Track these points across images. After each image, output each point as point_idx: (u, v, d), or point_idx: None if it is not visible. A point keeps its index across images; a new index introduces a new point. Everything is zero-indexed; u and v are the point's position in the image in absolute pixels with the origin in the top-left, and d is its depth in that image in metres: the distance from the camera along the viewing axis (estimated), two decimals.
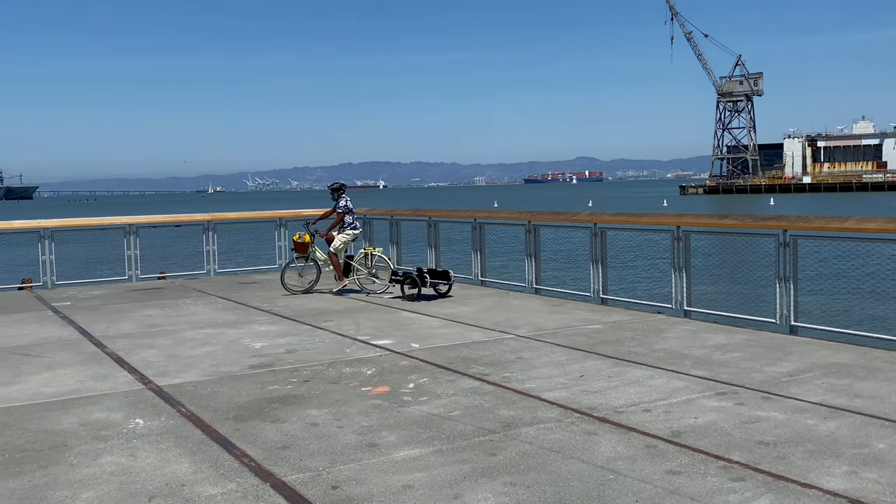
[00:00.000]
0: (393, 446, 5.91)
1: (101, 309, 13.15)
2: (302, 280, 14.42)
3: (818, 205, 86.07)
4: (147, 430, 6.47)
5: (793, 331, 9.88)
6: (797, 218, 10.28)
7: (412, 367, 8.44)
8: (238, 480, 5.32)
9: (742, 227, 11.13)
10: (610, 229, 12.82)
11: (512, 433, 6.14)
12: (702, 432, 6.05)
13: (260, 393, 7.54)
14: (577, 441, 5.93)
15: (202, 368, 8.63)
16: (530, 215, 14.38)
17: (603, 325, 10.55)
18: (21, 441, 6.28)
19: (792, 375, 7.67)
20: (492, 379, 7.82)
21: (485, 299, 13.22)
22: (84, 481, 5.37)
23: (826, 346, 8.95)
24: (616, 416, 6.50)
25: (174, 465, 5.63)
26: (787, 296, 9.95)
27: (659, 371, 7.98)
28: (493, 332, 10.21)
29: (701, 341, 9.36)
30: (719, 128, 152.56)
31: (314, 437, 6.16)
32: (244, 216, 20.89)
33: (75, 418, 6.86)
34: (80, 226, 18.40)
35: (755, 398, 6.93)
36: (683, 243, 11.32)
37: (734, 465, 5.37)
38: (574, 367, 8.21)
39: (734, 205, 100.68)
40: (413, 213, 18.46)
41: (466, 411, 6.74)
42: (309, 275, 14.45)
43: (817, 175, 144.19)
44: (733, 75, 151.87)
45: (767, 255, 10.66)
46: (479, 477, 5.26)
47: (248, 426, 6.50)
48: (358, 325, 10.95)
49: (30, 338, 10.64)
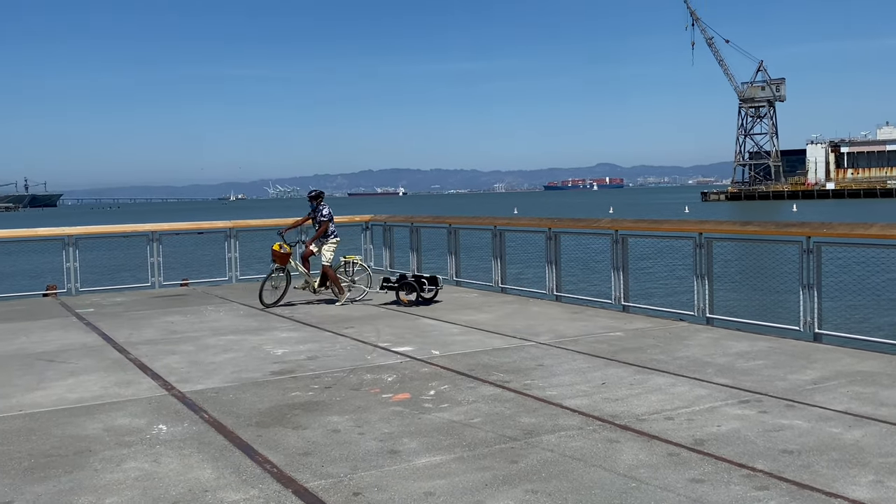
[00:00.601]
0: (414, 453, 5.91)
1: (125, 315, 13.27)
2: (275, 292, 13.76)
3: (842, 211, 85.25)
4: (170, 436, 6.52)
5: (817, 338, 9.78)
6: (821, 224, 10.19)
7: (433, 373, 8.44)
8: (260, 486, 5.34)
9: (765, 233, 11.04)
10: (631, 236, 12.78)
11: (533, 440, 6.12)
12: (725, 440, 6.00)
13: (282, 399, 7.57)
14: (599, 449, 5.90)
15: (224, 375, 8.68)
16: (550, 222, 14.36)
17: (624, 333, 10.50)
18: (46, 446, 6.34)
19: (816, 383, 7.60)
20: (513, 386, 7.80)
21: (505, 306, 13.20)
22: (108, 486, 5.42)
23: (851, 354, 8.86)
24: (638, 424, 6.47)
25: (197, 471, 5.67)
26: (811, 303, 9.86)
27: (681, 379, 7.93)
28: (513, 339, 10.20)
29: (723, 349, 9.30)
30: (741, 133, 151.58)
31: (336, 444, 6.18)
32: (266, 223, 20.97)
33: (99, 424, 6.93)
34: (104, 233, 18.58)
35: (779, 406, 6.87)
36: (706, 250, 11.25)
37: (758, 473, 5.32)
38: (595, 375, 8.18)
39: (757, 211, 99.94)
40: (433, 219, 18.49)
41: (487, 418, 6.74)
42: (280, 285, 13.80)
43: (841, 181, 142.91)
44: (755, 81, 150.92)
45: (791, 261, 10.57)
46: (500, 484, 5.25)
47: (270, 432, 6.53)
48: (378, 332, 10.97)
49: (54, 344, 10.75)
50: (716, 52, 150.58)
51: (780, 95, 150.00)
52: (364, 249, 19.42)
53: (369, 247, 19.41)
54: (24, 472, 5.75)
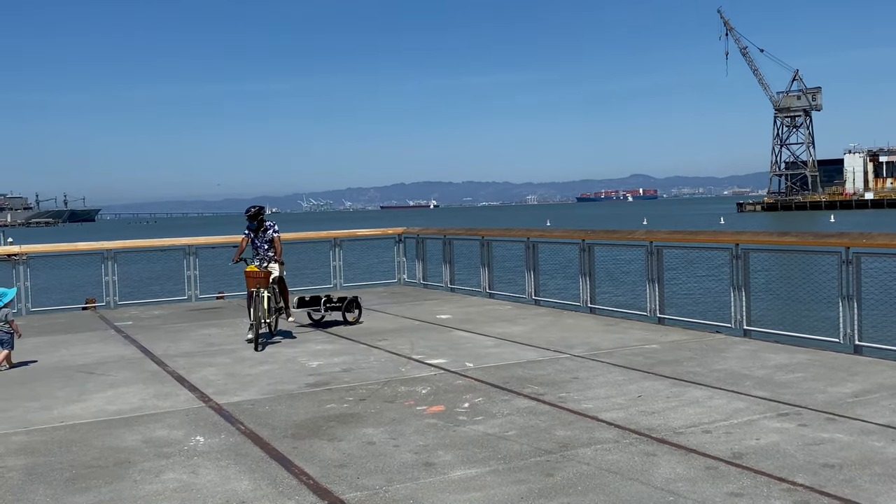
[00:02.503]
0: (449, 466, 5.91)
1: (162, 328, 13.44)
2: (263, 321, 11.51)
3: (881, 221, 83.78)
4: (207, 448, 6.58)
5: (857, 350, 9.62)
6: (860, 235, 10.03)
7: (467, 386, 8.44)
8: (297, 498, 5.37)
9: (803, 244, 10.89)
10: (666, 247, 12.68)
11: (569, 454, 6.09)
12: (764, 454, 5.92)
13: (317, 411, 7.61)
14: (636, 462, 5.85)
15: (260, 387, 8.75)
16: (584, 234, 14.29)
17: (660, 345, 10.41)
18: (87, 457, 6.44)
19: (857, 396, 7.47)
20: (547, 399, 7.77)
21: (538, 318, 13.15)
22: (147, 497, 5.48)
23: (893, 367, 8.70)
24: (675, 437, 6.40)
25: (234, 483, 5.71)
26: (851, 314, 9.70)
27: (719, 391, 7.84)
28: (547, 352, 10.15)
29: (762, 361, 9.17)
30: (777, 143, 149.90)
31: (371, 456, 6.19)
32: (299, 237, 21.15)
33: (138, 435, 7.02)
34: (142, 247, 18.85)
35: (819, 419, 6.76)
36: (742, 261, 11.13)
37: (798, 487, 5.24)
38: (631, 388, 8.12)
39: (793, 222, 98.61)
40: (466, 232, 18.51)
41: (522, 431, 6.71)
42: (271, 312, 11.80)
43: (880, 191, 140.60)
44: (790, 90, 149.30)
45: (829, 272, 10.41)
46: (536, 497, 5.22)
47: (306, 444, 6.57)
48: (412, 345, 10.99)
49: (94, 356, 10.92)
50: (750, 62, 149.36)
51: (817, 105, 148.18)
52: (397, 262, 19.49)
53: (402, 259, 19.47)
54: (66, 483, 5.84)
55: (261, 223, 11.99)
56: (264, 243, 12.02)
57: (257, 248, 12.01)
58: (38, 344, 12.08)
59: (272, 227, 12.05)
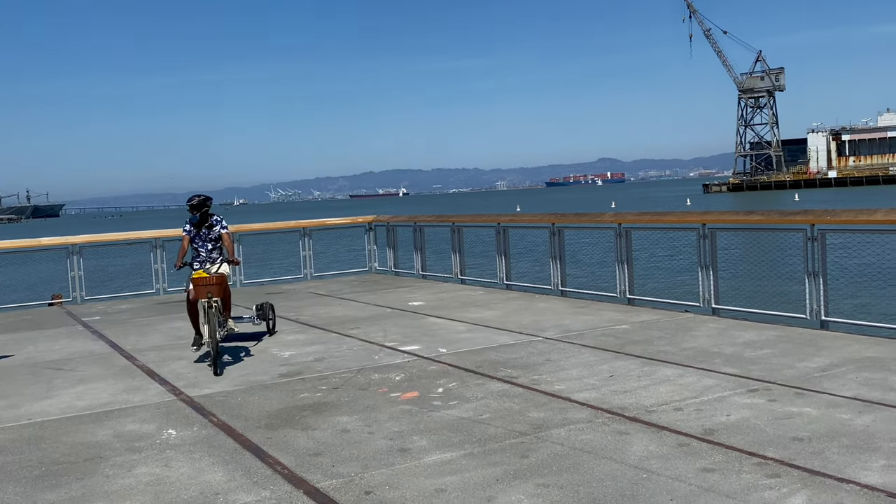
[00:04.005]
0: (424, 451, 5.91)
1: (131, 322, 13.28)
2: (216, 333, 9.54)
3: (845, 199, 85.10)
4: (180, 441, 6.53)
5: (824, 326, 9.77)
6: (824, 212, 10.17)
7: (441, 371, 8.44)
8: (272, 488, 5.35)
9: (768, 222, 11.02)
10: (634, 229, 12.76)
11: (543, 435, 6.12)
12: (735, 429, 5.99)
13: (290, 401, 7.58)
14: (609, 441, 5.90)
15: (232, 378, 8.69)
16: (554, 217, 14.35)
17: (631, 325, 10.49)
18: (57, 454, 6.35)
19: (825, 370, 7.59)
20: (521, 382, 7.80)
21: (510, 303, 13.19)
22: (120, 492, 5.43)
23: (859, 341, 8.85)
24: (647, 416, 6.46)
25: (208, 475, 5.67)
26: (817, 290, 9.84)
27: (689, 369, 7.92)
28: (520, 335, 10.19)
29: (731, 338, 9.28)
30: (741, 124, 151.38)
31: (345, 444, 6.18)
32: (267, 227, 21.02)
33: (109, 430, 6.94)
34: (108, 241, 18.63)
35: (788, 394, 6.86)
36: (709, 241, 11.23)
37: (769, 461, 5.32)
38: (603, 368, 8.18)
39: (759, 201, 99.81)
40: (437, 218, 18.50)
41: (496, 414, 6.73)
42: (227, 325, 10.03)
43: (843, 169, 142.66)
44: (754, 71, 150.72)
45: (795, 250, 10.55)
46: (511, 479, 5.25)
47: (280, 434, 6.54)
48: (385, 332, 10.98)
49: (62, 352, 10.77)
50: (714, 44, 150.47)
51: (780, 85, 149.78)
52: (368, 251, 19.44)
53: (373, 248, 19.42)
54: (35, 481, 5.76)
55: (205, 217, 10.08)
56: (208, 241, 10.08)
57: (198, 249, 10.05)
58: (4, 342, 11.89)
59: (219, 223, 10.16)
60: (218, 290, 9.62)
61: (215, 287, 9.60)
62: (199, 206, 10.04)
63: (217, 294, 9.57)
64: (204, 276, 9.60)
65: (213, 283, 9.61)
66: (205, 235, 10.10)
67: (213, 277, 9.63)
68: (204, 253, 10.04)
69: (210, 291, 9.53)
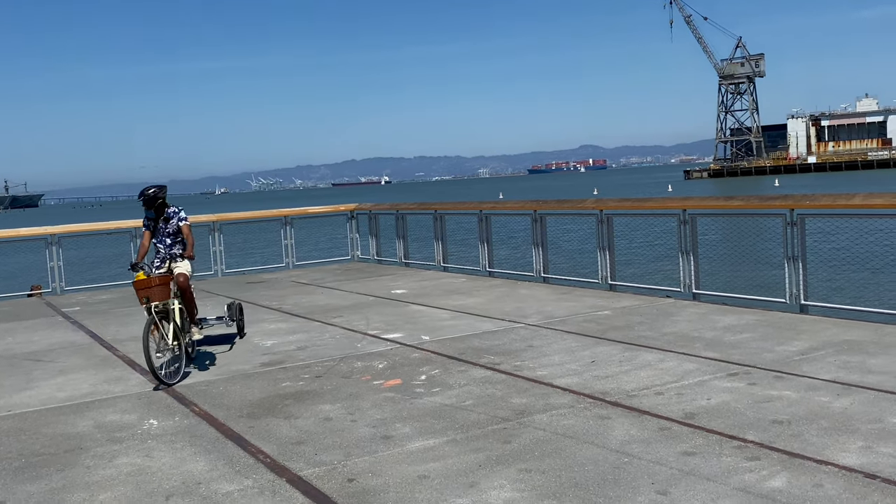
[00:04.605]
0: (407, 438, 5.92)
1: (111, 313, 13.19)
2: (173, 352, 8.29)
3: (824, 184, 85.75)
4: (161, 431, 6.50)
5: (803, 310, 9.85)
6: (803, 196, 10.24)
7: (423, 359, 8.45)
8: (254, 477, 5.34)
9: (749, 207, 11.09)
10: (616, 215, 12.80)
11: (525, 420, 6.14)
12: (715, 413, 6.04)
13: (272, 390, 7.56)
14: (591, 426, 5.93)
15: (214, 368, 8.65)
16: (536, 204, 14.37)
17: (612, 311, 10.54)
18: (37, 445, 6.31)
19: (804, 354, 7.66)
20: (503, 368, 7.82)
21: (493, 290, 13.21)
22: (101, 483, 5.40)
23: (837, 324, 8.93)
24: (628, 400, 6.50)
25: (190, 464, 5.65)
26: (797, 275, 9.92)
27: (670, 354, 7.97)
28: (502, 322, 10.21)
29: (711, 323, 9.34)
30: (722, 111, 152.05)
31: (328, 432, 6.17)
32: (249, 216, 20.91)
33: (90, 421, 6.89)
34: (87, 231, 18.46)
35: (767, 378, 6.92)
36: (690, 226, 11.29)
37: (749, 444, 5.36)
38: (585, 354, 8.21)
39: (739, 187, 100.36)
40: (419, 206, 18.47)
41: (479, 401, 6.75)
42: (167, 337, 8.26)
43: (822, 154, 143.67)
44: (734, 57, 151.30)
45: (775, 235, 10.63)
46: (494, 465, 5.27)
47: (262, 423, 6.52)
48: (368, 320, 10.96)
49: (41, 343, 10.68)
50: (694, 30, 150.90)
51: (760, 71, 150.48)
52: (350, 239, 19.39)
53: (355, 236, 19.37)
54: (16, 472, 5.72)
55: (161, 209, 8.93)
56: (166, 236, 8.99)
57: (157, 245, 9.06)
58: None
59: (177, 215, 8.99)
60: (161, 293, 8.23)
61: (157, 290, 8.20)
62: (152, 201, 8.83)
63: (159, 297, 8.18)
64: (142, 279, 8.22)
65: (152, 284, 8.20)
66: (162, 230, 9.01)
67: (155, 279, 8.26)
68: (163, 249, 8.97)
69: (149, 296, 8.14)
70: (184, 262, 8.87)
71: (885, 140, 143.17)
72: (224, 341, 10.07)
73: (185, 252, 8.90)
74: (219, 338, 10.22)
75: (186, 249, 8.92)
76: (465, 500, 4.72)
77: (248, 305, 12.99)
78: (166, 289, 8.32)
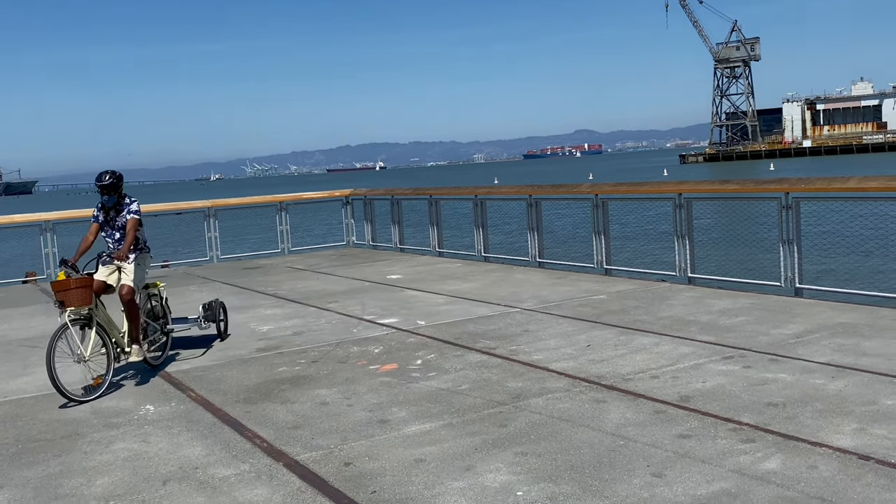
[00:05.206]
0: (403, 422, 5.93)
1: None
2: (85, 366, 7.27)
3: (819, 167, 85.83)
4: (158, 416, 6.51)
5: (798, 293, 9.88)
6: (798, 180, 10.25)
7: (419, 343, 8.46)
8: (251, 461, 5.35)
9: (744, 191, 11.10)
10: (611, 199, 12.80)
11: (521, 404, 6.16)
12: (710, 396, 6.06)
13: (269, 375, 7.57)
14: (587, 409, 5.95)
15: (210, 353, 8.66)
16: (531, 189, 14.35)
17: (607, 295, 10.56)
18: (34, 431, 6.32)
19: (799, 337, 7.68)
20: (499, 352, 7.84)
21: (489, 275, 13.22)
22: (98, 468, 5.41)
23: (832, 307, 8.96)
24: (624, 384, 6.52)
25: (187, 449, 5.66)
26: (792, 258, 9.94)
27: (665, 338, 7.99)
28: (498, 307, 10.22)
29: (706, 307, 9.37)
30: (717, 95, 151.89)
31: (325, 416, 6.19)
32: (244, 201, 20.85)
33: (86, 407, 6.90)
34: (82, 217, 18.36)
35: (762, 361, 6.94)
36: (685, 210, 11.29)
37: (744, 426, 5.39)
38: (580, 338, 8.23)
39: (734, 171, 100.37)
40: (414, 191, 18.44)
41: (475, 385, 6.77)
42: (88, 348, 7.29)
43: (817, 138, 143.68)
44: (729, 41, 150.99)
45: (770, 218, 10.64)
46: (490, 448, 5.28)
47: (259, 408, 6.53)
48: (363, 305, 10.97)
49: (37, 330, 10.66)
50: (690, 14, 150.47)
51: (755, 55, 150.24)
52: (346, 224, 19.37)
53: (350, 221, 19.35)
54: (12, 458, 5.72)
55: (120, 199, 7.98)
56: (116, 230, 7.99)
57: (106, 239, 8.09)
58: None
59: (128, 206, 7.96)
60: (79, 298, 7.09)
61: (75, 293, 7.07)
62: (112, 187, 7.85)
63: (77, 302, 7.09)
64: (61, 280, 7.14)
65: (71, 287, 7.06)
66: (112, 222, 8.02)
67: (73, 280, 7.11)
68: (112, 244, 8.03)
69: (64, 299, 7.08)
70: (131, 269, 7.80)
71: (879, 124, 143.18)
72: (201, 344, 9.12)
73: (121, 253, 7.71)
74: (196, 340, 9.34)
75: (123, 248, 7.76)
76: (461, 484, 4.74)
77: (244, 291, 13.00)
78: (86, 293, 7.15)
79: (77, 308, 7.14)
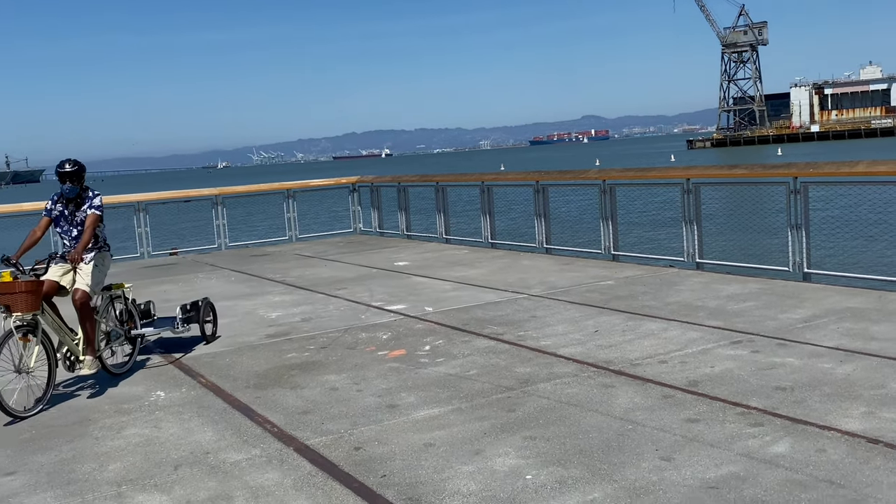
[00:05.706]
0: (412, 407, 5.96)
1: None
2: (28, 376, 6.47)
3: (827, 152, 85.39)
4: (169, 402, 6.55)
5: (806, 278, 9.86)
6: (807, 165, 10.21)
7: (427, 329, 8.49)
8: (262, 446, 5.39)
9: (752, 176, 11.06)
10: (619, 185, 12.77)
11: (529, 389, 6.18)
12: (719, 380, 6.08)
13: (278, 361, 7.61)
14: (595, 394, 5.97)
15: (220, 340, 8.70)
16: (538, 175, 14.33)
17: (615, 281, 10.56)
18: (45, 417, 6.37)
19: (807, 322, 7.68)
20: (507, 338, 7.86)
21: (496, 261, 13.23)
22: (110, 453, 5.46)
23: (840, 292, 8.95)
24: (632, 369, 6.54)
25: (198, 434, 5.71)
26: (800, 243, 9.92)
27: (673, 323, 7.99)
28: (505, 293, 10.24)
29: (714, 292, 9.36)
30: (725, 80, 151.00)
31: (334, 401, 6.22)
32: (251, 189, 20.88)
33: (97, 393, 6.95)
34: None
35: (771, 345, 6.94)
36: (694, 196, 11.27)
37: (752, 410, 5.40)
38: (588, 323, 8.24)
39: (742, 156, 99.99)
40: (420, 178, 18.44)
41: (483, 370, 6.79)
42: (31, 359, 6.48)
43: (825, 123, 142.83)
44: (737, 25, 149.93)
45: (778, 203, 10.61)
46: (498, 433, 5.31)
47: (269, 393, 6.57)
48: (371, 292, 11.00)
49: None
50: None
51: (763, 39, 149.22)
52: (353, 212, 19.39)
53: (357, 208, 19.37)
54: (25, 444, 5.78)
55: (82, 191, 7.31)
56: (74, 226, 7.28)
57: (62, 235, 7.36)
58: None
59: (90, 200, 7.26)
60: (26, 303, 6.36)
61: (20, 298, 6.35)
62: (75, 175, 7.16)
63: (23, 308, 6.35)
64: (8, 282, 6.41)
65: (17, 291, 6.35)
66: (72, 217, 7.28)
67: (20, 283, 6.40)
68: (68, 242, 7.32)
69: (9, 304, 6.34)
70: (88, 270, 7.08)
71: (888, 108, 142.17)
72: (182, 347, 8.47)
73: (76, 253, 7.01)
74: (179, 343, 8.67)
75: (79, 246, 7.05)
76: (470, 468, 4.77)
77: (252, 278, 13.04)
78: (34, 298, 6.42)
79: (22, 314, 6.39)
